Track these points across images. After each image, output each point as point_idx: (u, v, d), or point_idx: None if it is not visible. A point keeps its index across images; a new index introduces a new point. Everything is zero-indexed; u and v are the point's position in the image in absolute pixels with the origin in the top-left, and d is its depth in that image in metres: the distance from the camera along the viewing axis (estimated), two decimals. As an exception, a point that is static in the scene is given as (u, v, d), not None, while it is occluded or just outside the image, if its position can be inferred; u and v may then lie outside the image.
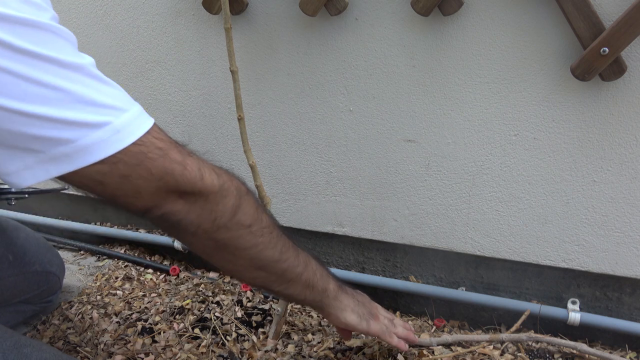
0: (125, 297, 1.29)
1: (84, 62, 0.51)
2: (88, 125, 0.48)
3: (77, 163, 0.49)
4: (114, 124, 0.50)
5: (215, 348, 1.08)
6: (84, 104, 0.49)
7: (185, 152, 0.58)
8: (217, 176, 0.60)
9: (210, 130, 1.24)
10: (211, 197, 0.59)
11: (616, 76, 0.87)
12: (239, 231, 0.63)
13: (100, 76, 0.52)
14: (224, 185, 0.60)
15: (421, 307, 1.22)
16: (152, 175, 0.54)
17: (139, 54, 1.23)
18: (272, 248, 0.68)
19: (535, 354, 1.05)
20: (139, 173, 0.53)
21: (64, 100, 0.47)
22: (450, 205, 1.09)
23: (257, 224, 0.65)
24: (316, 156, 1.16)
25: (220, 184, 0.60)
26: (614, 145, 0.94)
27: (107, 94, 0.51)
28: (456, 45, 0.96)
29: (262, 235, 0.66)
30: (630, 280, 1.04)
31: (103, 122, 0.49)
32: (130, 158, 0.52)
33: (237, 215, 0.62)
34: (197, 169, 0.57)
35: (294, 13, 1.05)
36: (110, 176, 0.51)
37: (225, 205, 0.61)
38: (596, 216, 1.00)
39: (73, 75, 0.49)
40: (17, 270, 1.04)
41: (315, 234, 1.26)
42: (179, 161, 0.56)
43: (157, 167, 0.54)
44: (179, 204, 0.58)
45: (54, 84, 0.47)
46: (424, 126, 1.05)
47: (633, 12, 0.81)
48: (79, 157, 0.49)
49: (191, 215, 0.59)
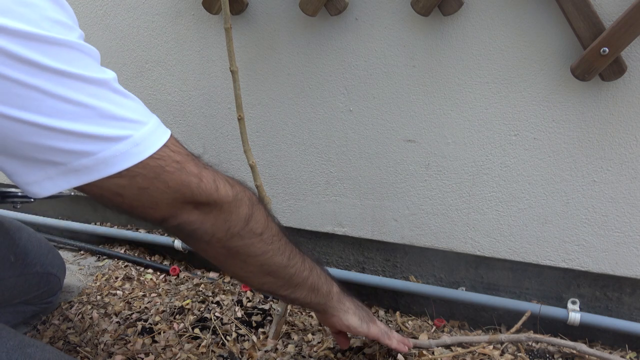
0: (125, 297, 1.29)
1: (107, 77, 0.53)
2: (109, 138, 0.50)
3: (98, 174, 0.51)
4: (134, 137, 0.52)
5: (215, 348, 1.08)
6: (106, 119, 0.51)
7: (201, 164, 0.60)
8: (231, 187, 0.62)
9: (210, 130, 1.24)
10: (225, 207, 0.61)
11: (616, 76, 0.87)
12: (251, 239, 0.66)
13: (121, 90, 0.54)
14: (237, 195, 0.63)
15: (421, 307, 1.22)
16: (169, 187, 0.55)
17: (139, 54, 1.23)
18: (280, 254, 0.71)
19: (535, 354, 1.05)
20: (157, 186, 0.54)
21: (87, 116, 0.49)
22: (450, 205, 1.09)
23: (268, 232, 0.68)
24: (316, 156, 1.16)
25: (234, 194, 0.62)
26: (614, 145, 0.94)
27: (127, 108, 0.53)
28: (456, 45, 0.96)
29: (272, 242, 0.69)
30: (630, 280, 1.04)
31: (124, 136, 0.51)
32: (149, 171, 0.53)
33: (250, 224, 0.65)
34: (212, 181, 0.59)
35: (294, 13, 1.05)
36: (128, 188, 0.53)
37: (238, 215, 0.63)
38: (596, 216, 1.00)
39: (97, 91, 0.51)
40: (18, 272, 1.04)
41: (315, 234, 1.26)
42: (195, 174, 0.57)
43: (175, 180, 0.55)
44: (194, 214, 0.60)
45: (79, 100, 0.49)
46: (424, 126, 1.05)
47: (633, 12, 0.81)
48: (100, 169, 0.51)
49: (206, 224, 0.61)
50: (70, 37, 0.50)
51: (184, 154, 0.58)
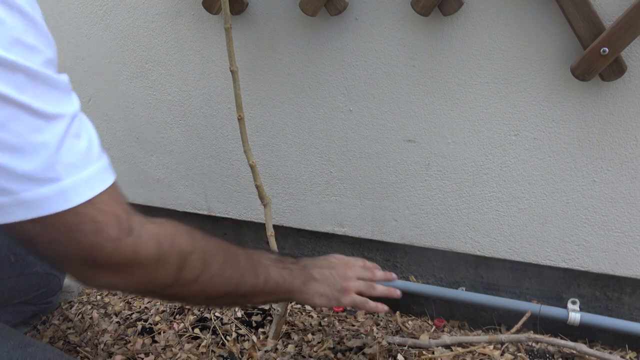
0: (125, 297, 1.29)
1: (62, 112, 0.49)
2: (36, 179, 0.46)
3: (11, 216, 0.47)
4: (63, 183, 0.48)
5: (215, 348, 1.08)
6: (40, 157, 0.46)
7: (127, 223, 0.54)
8: (157, 244, 0.57)
9: (210, 130, 1.24)
10: (149, 267, 0.56)
11: (616, 76, 0.87)
12: (185, 286, 0.62)
13: (74, 128, 0.50)
14: (161, 253, 0.57)
15: (421, 307, 1.22)
16: (80, 248, 0.50)
17: (139, 54, 1.23)
18: (226, 284, 0.67)
19: (535, 354, 1.05)
20: (68, 243, 0.50)
21: (20, 150, 0.46)
22: (450, 205, 1.09)
23: (207, 273, 0.63)
24: (316, 156, 1.16)
25: (158, 252, 0.57)
26: (614, 145, 0.94)
27: (69, 149, 0.49)
28: (456, 45, 0.96)
29: (212, 279, 0.64)
30: (630, 280, 1.04)
31: (51, 179, 0.47)
32: (62, 225, 0.49)
33: (182, 274, 0.60)
34: (133, 244, 0.54)
35: (294, 13, 1.05)
36: (41, 237, 0.49)
37: (166, 270, 0.58)
38: (596, 216, 1.00)
39: (41, 126, 0.47)
40: (18, 272, 1.04)
41: (315, 234, 1.26)
42: (113, 237, 0.52)
43: (87, 242, 0.50)
44: (111, 276, 0.54)
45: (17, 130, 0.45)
46: (424, 126, 1.05)
47: (633, 12, 0.81)
48: (14, 211, 0.47)
49: (130, 284, 0.57)
50: (32, 62, 0.46)
51: (110, 213, 0.52)
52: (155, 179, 1.35)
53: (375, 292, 0.87)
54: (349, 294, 0.84)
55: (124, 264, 0.54)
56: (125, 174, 1.38)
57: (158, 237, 0.57)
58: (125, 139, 1.33)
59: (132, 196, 1.40)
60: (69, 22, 1.24)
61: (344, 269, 0.86)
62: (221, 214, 1.32)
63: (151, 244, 0.56)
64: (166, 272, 0.58)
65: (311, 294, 0.81)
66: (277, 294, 0.76)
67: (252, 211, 1.28)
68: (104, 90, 1.29)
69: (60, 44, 1.28)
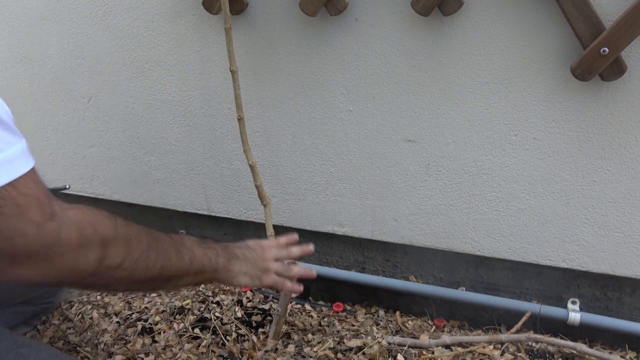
0: (125, 297, 1.29)
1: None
2: None
3: None
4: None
5: (215, 348, 1.08)
6: None
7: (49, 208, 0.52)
8: (79, 229, 0.55)
9: (210, 130, 1.24)
10: (69, 255, 0.54)
11: (616, 76, 0.87)
12: (108, 273, 0.60)
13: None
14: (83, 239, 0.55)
15: (421, 307, 1.22)
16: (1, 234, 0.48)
17: (139, 54, 1.23)
18: (151, 268, 0.66)
19: (535, 354, 1.05)
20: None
21: None
22: (450, 205, 1.09)
23: (129, 259, 0.62)
24: (316, 156, 1.16)
25: (80, 238, 0.55)
26: (613, 145, 0.94)
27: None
28: (456, 45, 0.96)
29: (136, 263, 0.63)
30: (630, 280, 1.04)
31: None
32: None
33: (105, 262, 0.58)
34: (55, 229, 0.52)
35: (294, 13, 1.05)
36: None
37: (87, 259, 0.56)
38: (596, 216, 1.00)
39: None
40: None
41: (315, 234, 1.26)
42: (36, 222, 0.50)
43: (8, 226, 0.48)
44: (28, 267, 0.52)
45: None
46: (424, 126, 1.05)
47: (633, 12, 0.81)
48: None
49: (49, 274, 0.54)
50: None
51: (32, 197, 0.50)
52: (155, 179, 1.35)
53: (292, 273, 0.89)
54: (269, 274, 0.86)
55: (44, 251, 0.51)
56: (125, 174, 1.38)
57: (80, 223, 0.55)
58: (125, 139, 1.33)
59: (132, 196, 1.40)
60: (69, 22, 1.24)
61: (262, 251, 0.88)
62: (221, 214, 1.32)
63: (73, 230, 0.54)
64: (88, 259, 0.56)
65: (236, 272, 0.82)
66: (203, 273, 0.76)
67: (252, 211, 1.28)
68: (104, 90, 1.29)
69: (61, 44, 1.28)
